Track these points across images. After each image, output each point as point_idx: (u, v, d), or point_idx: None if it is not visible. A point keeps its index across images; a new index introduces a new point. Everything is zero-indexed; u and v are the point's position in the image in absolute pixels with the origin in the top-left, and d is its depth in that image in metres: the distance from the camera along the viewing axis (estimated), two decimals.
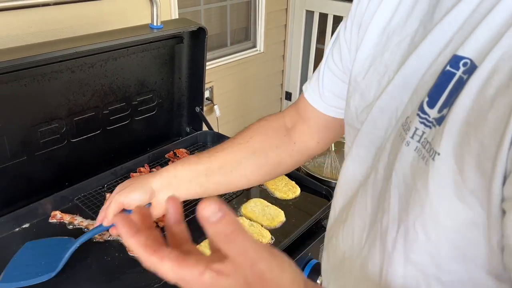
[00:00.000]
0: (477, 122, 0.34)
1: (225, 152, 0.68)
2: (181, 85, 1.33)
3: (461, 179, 0.35)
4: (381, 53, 0.51)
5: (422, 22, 0.46)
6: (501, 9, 0.36)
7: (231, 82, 2.67)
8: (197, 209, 0.28)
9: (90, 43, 0.98)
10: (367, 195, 0.49)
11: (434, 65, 0.41)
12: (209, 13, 2.50)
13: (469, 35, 0.38)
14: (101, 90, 1.14)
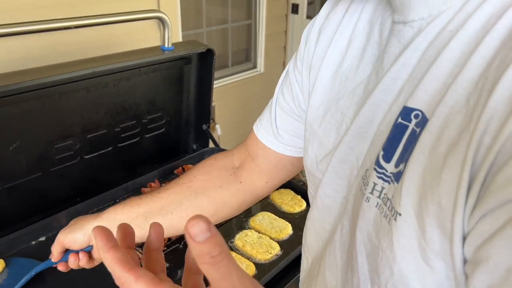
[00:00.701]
0: (433, 182, 0.33)
1: (167, 193, 0.66)
2: (188, 103, 1.39)
3: (424, 241, 0.34)
4: (335, 99, 0.49)
5: (374, 67, 0.45)
6: (445, 58, 0.35)
7: (232, 101, 2.73)
8: (185, 225, 0.25)
9: (106, 64, 1.03)
10: (336, 249, 0.47)
11: (388, 115, 0.40)
12: (211, 35, 2.57)
13: (418, 85, 0.37)
14: (114, 108, 1.18)
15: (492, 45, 0.32)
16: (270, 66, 2.95)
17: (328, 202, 0.50)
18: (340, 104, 0.48)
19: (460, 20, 0.35)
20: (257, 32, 2.79)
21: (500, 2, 0.32)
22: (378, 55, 0.44)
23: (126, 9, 1.63)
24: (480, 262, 0.29)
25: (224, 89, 2.63)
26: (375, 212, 0.39)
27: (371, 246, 0.40)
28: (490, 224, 0.29)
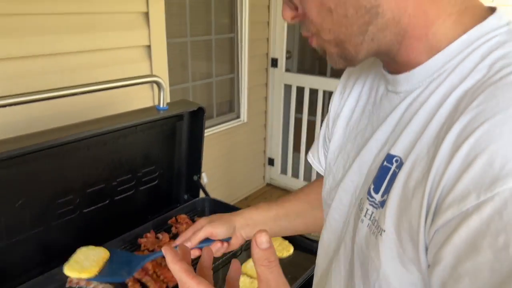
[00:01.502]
0: (406, 207, 0.46)
1: (289, 203, 0.85)
2: (180, 156, 1.48)
3: (402, 250, 0.47)
4: (345, 144, 0.65)
5: (370, 120, 0.60)
6: (415, 121, 0.49)
7: (217, 150, 2.84)
8: (254, 235, 0.39)
9: (106, 126, 1.13)
10: (340, 262, 0.60)
11: (377, 159, 0.54)
12: (196, 89, 2.72)
13: (398, 137, 0.50)
14: (111, 164, 1.27)
15: (444, 115, 0.46)
16: (252, 116, 3.09)
17: (334, 225, 0.64)
18: (347, 148, 0.64)
19: (425, 95, 0.50)
20: (240, 85, 2.95)
21: (449, 85, 0.47)
22: (373, 111, 0.60)
23: (121, 71, 1.76)
24: (436, 263, 0.42)
25: (209, 138, 2.74)
26: (366, 230, 0.52)
27: (363, 256, 0.53)
28: (440, 237, 0.42)
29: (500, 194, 0.37)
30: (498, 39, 0.47)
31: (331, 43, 0.53)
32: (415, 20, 0.48)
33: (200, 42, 2.66)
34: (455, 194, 0.40)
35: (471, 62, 0.46)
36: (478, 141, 0.40)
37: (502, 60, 0.44)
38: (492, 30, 0.47)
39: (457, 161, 0.41)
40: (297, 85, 3.11)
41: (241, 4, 2.76)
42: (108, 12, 1.66)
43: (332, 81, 2.93)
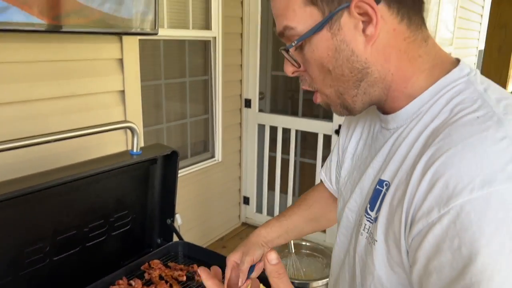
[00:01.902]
0: (391, 221, 0.59)
1: (296, 216, 0.97)
2: (153, 200, 1.48)
3: (390, 256, 0.60)
4: (352, 171, 0.78)
5: (369, 152, 0.74)
6: (399, 152, 0.62)
7: (192, 190, 2.84)
8: (265, 255, 0.56)
9: (79, 171, 1.13)
10: (345, 269, 0.74)
11: (373, 183, 0.67)
12: (170, 130, 2.74)
13: (387, 165, 0.63)
14: (84, 210, 1.26)
15: (418, 148, 0.58)
16: (227, 155, 3.12)
17: (343, 239, 0.77)
18: (354, 174, 0.77)
19: (407, 132, 0.63)
20: (214, 125, 2.99)
21: (423, 124, 0.60)
22: (371, 144, 0.74)
23: (95, 116, 1.78)
24: (413, 264, 0.54)
25: (184, 179, 2.74)
26: (365, 241, 0.66)
27: (362, 263, 0.66)
28: (415, 243, 0.54)
29: (454, 208, 0.49)
30: (459, 88, 0.59)
31: (332, 95, 0.65)
32: (397, 77, 0.62)
33: (174, 84, 2.71)
34: (423, 209, 0.52)
35: (438, 106, 0.59)
36: (437, 169, 0.52)
37: (460, 105, 0.57)
38: (455, 81, 0.60)
39: (423, 184, 0.53)
40: (270, 125, 3.18)
41: (214, 47, 2.84)
42: (82, 59, 1.70)
43: (303, 121, 3.02)
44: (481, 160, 0.49)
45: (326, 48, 0.60)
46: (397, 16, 0.59)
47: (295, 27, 0.60)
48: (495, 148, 0.50)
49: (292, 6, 0.60)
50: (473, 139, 0.51)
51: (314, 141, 3.02)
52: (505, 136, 0.50)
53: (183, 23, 2.61)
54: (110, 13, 1.54)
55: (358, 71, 0.60)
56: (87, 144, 1.58)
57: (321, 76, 0.63)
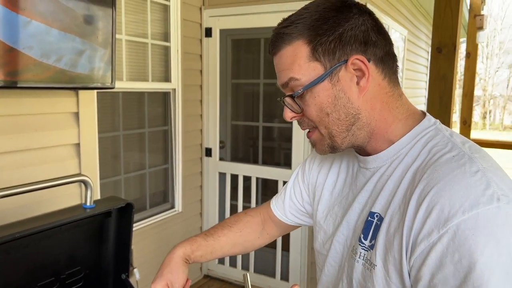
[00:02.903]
0: (389, 247, 0.68)
1: (225, 238, 1.02)
2: (107, 254, 1.45)
3: (389, 278, 0.68)
4: (332, 206, 0.87)
5: (351, 189, 0.83)
6: (387, 188, 0.73)
7: (151, 243, 2.77)
8: None
9: (29, 227, 1.10)
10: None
11: (361, 216, 0.77)
12: (129, 181, 2.71)
13: (376, 200, 0.74)
14: (33, 268, 1.21)
15: (406, 184, 0.70)
16: (188, 205, 3.10)
17: (331, 269, 0.85)
18: (334, 209, 0.86)
19: (391, 170, 0.74)
20: (174, 174, 2.99)
21: (405, 164, 0.72)
22: (352, 182, 0.84)
23: (49, 170, 1.75)
24: (418, 281, 0.63)
25: (142, 231, 2.68)
26: (362, 267, 0.74)
27: (361, 281, 0.74)
28: (418, 262, 0.63)
29: (451, 227, 0.59)
30: (430, 134, 0.73)
31: (325, 136, 0.76)
32: (379, 123, 0.75)
33: (133, 135, 2.71)
34: (424, 232, 0.62)
35: (417, 149, 0.72)
36: (432, 198, 0.63)
37: (435, 147, 0.70)
38: (426, 128, 0.74)
39: (421, 212, 0.63)
40: (231, 173, 3.20)
41: (174, 99, 2.90)
42: (37, 114, 1.69)
43: (264, 168, 3.07)
44: (466, 189, 0.61)
45: (326, 95, 0.72)
46: (382, 74, 0.74)
47: (299, 79, 0.72)
48: (473, 179, 0.62)
49: (298, 61, 0.72)
50: (456, 173, 0.63)
51: (274, 188, 3.06)
52: (478, 169, 0.63)
53: (142, 76, 2.66)
54: (66, 69, 1.57)
55: (351, 116, 0.73)
56: (39, 199, 1.54)
57: (319, 119, 0.74)
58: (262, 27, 2.92)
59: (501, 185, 0.62)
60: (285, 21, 0.76)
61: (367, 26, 0.72)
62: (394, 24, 4.43)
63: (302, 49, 0.72)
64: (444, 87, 2.51)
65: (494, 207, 0.59)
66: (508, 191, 0.61)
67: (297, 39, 0.72)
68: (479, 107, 22.75)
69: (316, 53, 0.71)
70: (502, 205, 0.59)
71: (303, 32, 0.72)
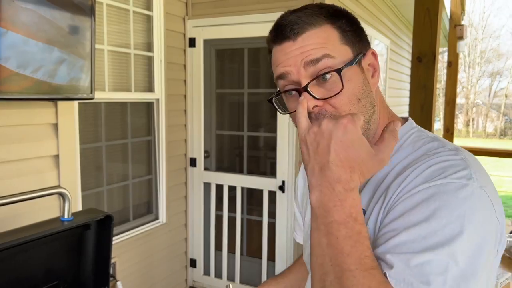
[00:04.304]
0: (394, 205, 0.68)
1: (292, 274, 1.03)
2: (87, 267, 1.42)
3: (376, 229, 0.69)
4: None
5: None
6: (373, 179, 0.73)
7: (135, 255, 2.73)
8: None
9: (4, 241, 1.08)
10: None
11: None
12: (112, 192, 2.67)
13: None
14: (8, 283, 1.18)
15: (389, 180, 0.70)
16: (172, 216, 3.06)
17: None
18: None
19: None
20: (158, 185, 2.96)
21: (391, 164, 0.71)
22: None
23: (26, 182, 1.72)
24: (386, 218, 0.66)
25: (125, 243, 2.64)
26: None
27: None
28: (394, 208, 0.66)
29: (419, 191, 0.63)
30: (415, 134, 0.75)
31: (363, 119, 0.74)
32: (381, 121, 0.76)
33: (116, 146, 2.68)
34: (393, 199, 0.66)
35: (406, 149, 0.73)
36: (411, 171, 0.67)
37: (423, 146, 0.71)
38: (410, 129, 0.76)
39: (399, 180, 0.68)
40: (216, 183, 3.19)
41: (157, 109, 2.88)
42: (14, 125, 1.67)
43: (249, 178, 3.06)
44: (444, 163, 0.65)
45: (358, 80, 0.70)
46: (377, 80, 0.76)
47: (336, 57, 0.69)
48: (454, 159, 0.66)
49: (332, 41, 0.69)
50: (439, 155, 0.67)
51: (260, 198, 3.06)
52: (461, 158, 0.66)
53: (125, 86, 2.65)
54: (44, 80, 1.55)
55: (372, 106, 0.72)
56: (17, 212, 1.51)
57: (349, 105, 0.69)
58: (246, 37, 2.93)
59: (478, 174, 0.64)
60: (294, 12, 0.72)
61: (363, 30, 0.75)
62: (377, 34, 4.50)
63: (332, 32, 0.70)
64: (425, 96, 2.55)
65: (461, 182, 0.62)
66: (483, 181, 0.64)
67: (325, 23, 0.70)
68: (462, 115, 23.16)
69: (346, 37, 0.71)
70: (471, 183, 0.62)
71: (328, 19, 0.70)
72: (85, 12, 1.69)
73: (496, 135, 22.33)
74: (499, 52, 23.75)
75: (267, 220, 3.03)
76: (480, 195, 0.62)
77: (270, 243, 3.04)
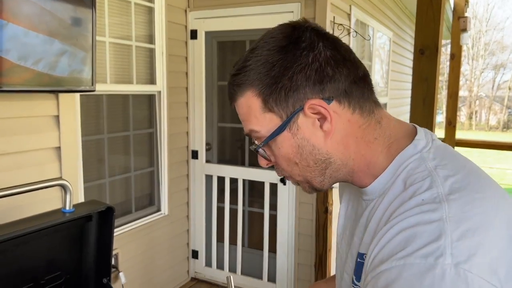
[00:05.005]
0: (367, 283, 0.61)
1: None
2: (88, 259, 1.43)
3: None
4: (345, 230, 0.81)
5: (356, 216, 0.76)
6: (373, 221, 0.66)
7: (137, 246, 2.74)
8: None
9: (5, 233, 1.08)
10: None
11: (355, 257, 0.71)
12: (114, 184, 2.68)
13: (363, 237, 0.68)
14: (9, 274, 1.19)
15: (384, 220, 0.62)
16: (174, 208, 3.08)
17: None
18: (346, 234, 0.80)
19: (375, 207, 0.67)
20: (160, 177, 2.97)
21: (387, 202, 0.64)
22: (356, 208, 0.77)
23: (28, 174, 1.72)
24: None
25: (128, 235, 2.66)
26: None
27: None
28: None
29: (380, 273, 0.56)
30: (412, 165, 0.64)
31: (302, 181, 0.72)
32: (358, 161, 0.68)
33: (118, 138, 2.69)
34: (369, 269, 0.60)
35: (397, 186, 0.64)
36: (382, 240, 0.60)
37: (412, 185, 0.62)
38: (409, 158, 0.65)
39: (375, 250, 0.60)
40: (218, 175, 3.20)
41: (159, 101, 2.88)
42: (15, 117, 1.67)
43: (251, 170, 3.06)
44: (411, 237, 0.56)
45: (289, 146, 0.67)
46: (349, 108, 0.66)
47: (259, 131, 0.68)
48: (425, 228, 0.56)
49: (254, 113, 0.67)
50: (412, 220, 0.57)
51: (261, 190, 3.06)
52: (439, 218, 0.56)
53: (127, 78, 2.64)
54: (45, 72, 1.55)
55: (321, 162, 0.68)
56: (18, 204, 1.52)
57: (290, 168, 0.70)
58: (248, 29, 2.92)
59: (460, 242, 0.53)
60: (236, 65, 0.70)
61: (321, 61, 0.64)
62: (380, 26, 4.47)
63: (253, 100, 0.66)
64: (427, 88, 2.54)
65: (427, 263, 0.52)
66: (466, 252, 0.53)
67: (247, 90, 0.67)
68: (465, 108, 23.08)
69: (268, 104, 0.66)
70: (441, 263, 0.52)
71: (252, 82, 0.66)
72: (86, 3, 1.68)
73: (499, 128, 22.27)
74: (503, 45, 23.60)
75: (268, 212, 3.04)
76: (453, 279, 0.51)
77: (271, 235, 3.05)
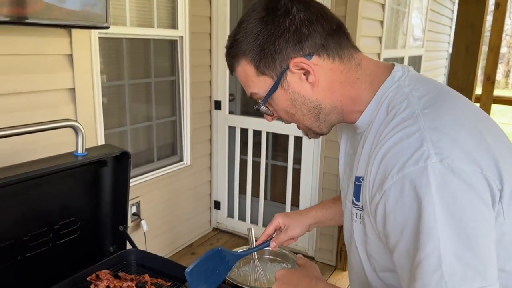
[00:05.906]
0: (368, 208, 0.74)
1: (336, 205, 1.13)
2: (104, 205, 1.38)
3: (376, 229, 0.74)
4: (345, 167, 0.93)
5: (353, 151, 0.87)
6: (366, 147, 0.77)
7: (159, 195, 2.73)
8: None
9: (11, 174, 1.02)
10: (351, 250, 0.90)
11: (353, 180, 0.81)
12: (136, 132, 2.63)
13: (359, 163, 0.79)
14: (22, 218, 1.15)
15: (375, 144, 0.73)
16: (197, 159, 3.03)
17: (346, 225, 0.89)
18: (347, 170, 0.91)
19: (366, 135, 0.78)
20: (182, 127, 2.90)
21: (375, 128, 0.75)
22: (352, 143, 0.89)
23: (41, 115, 1.66)
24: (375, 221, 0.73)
25: (150, 183, 2.63)
26: (359, 225, 0.81)
27: (360, 240, 0.82)
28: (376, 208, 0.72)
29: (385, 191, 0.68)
30: (391, 94, 0.76)
31: (304, 128, 0.86)
32: (345, 102, 0.80)
33: (139, 85, 2.60)
34: (372, 193, 0.72)
35: (382, 113, 0.76)
36: (378, 162, 0.71)
37: (393, 109, 0.74)
38: (388, 88, 0.77)
39: (372, 173, 0.71)
40: (241, 127, 3.10)
41: (181, 47, 2.75)
42: (25, 54, 1.58)
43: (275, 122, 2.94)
44: (399, 153, 0.67)
45: (284, 100, 0.80)
46: (329, 59, 0.77)
47: (257, 92, 0.81)
48: (408, 141, 0.66)
49: (250, 78, 0.79)
50: (396, 137, 0.68)
51: (285, 143, 2.96)
52: (417, 129, 0.67)
53: (148, 22, 2.51)
54: (54, 4, 1.43)
55: (314, 109, 0.80)
56: (32, 146, 1.47)
57: (290, 118, 0.84)
58: None
59: (439, 143, 0.64)
60: (228, 39, 0.81)
61: (296, 24, 0.74)
62: None
63: (248, 67, 0.78)
64: (472, 35, 2.31)
65: (420, 167, 0.63)
66: (447, 149, 0.63)
67: (241, 60, 0.79)
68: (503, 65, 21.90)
69: (260, 68, 0.77)
70: (430, 163, 0.62)
71: (244, 52, 0.77)
72: None
73: None
74: None
75: (292, 165, 2.95)
76: (442, 172, 0.62)
77: (294, 189, 2.98)
